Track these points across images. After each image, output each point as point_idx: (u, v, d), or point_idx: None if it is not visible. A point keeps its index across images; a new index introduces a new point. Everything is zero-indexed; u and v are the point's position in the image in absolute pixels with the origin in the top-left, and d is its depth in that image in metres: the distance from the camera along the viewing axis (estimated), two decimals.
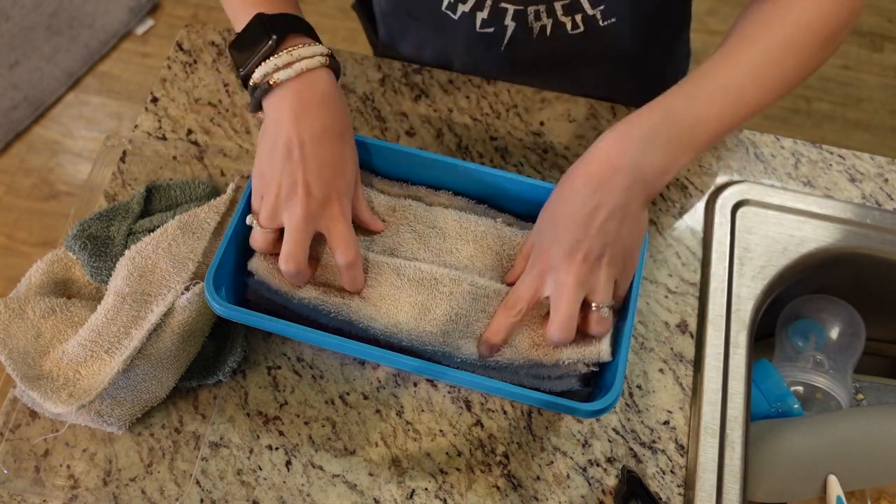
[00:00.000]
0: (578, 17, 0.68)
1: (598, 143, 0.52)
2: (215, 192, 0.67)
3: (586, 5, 0.66)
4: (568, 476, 0.59)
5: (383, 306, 0.56)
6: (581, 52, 0.73)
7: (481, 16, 0.68)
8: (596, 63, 0.75)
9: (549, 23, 0.68)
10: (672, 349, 0.64)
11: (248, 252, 0.60)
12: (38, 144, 1.71)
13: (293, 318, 0.56)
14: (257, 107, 0.55)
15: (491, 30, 0.70)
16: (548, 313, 0.54)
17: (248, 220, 0.57)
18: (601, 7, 0.66)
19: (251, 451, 0.60)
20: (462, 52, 0.75)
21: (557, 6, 0.66)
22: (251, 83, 0.54)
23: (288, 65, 0.53)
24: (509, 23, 0.68)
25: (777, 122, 1.71)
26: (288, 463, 0.59)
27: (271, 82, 0.53)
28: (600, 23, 0.68)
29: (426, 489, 0.58)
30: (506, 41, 0.71)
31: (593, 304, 0.52)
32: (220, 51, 0.77)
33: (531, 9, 0.66)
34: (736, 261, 0.67)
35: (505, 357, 0.55)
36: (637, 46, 0.73)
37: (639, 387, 0.62)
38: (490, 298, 0.56)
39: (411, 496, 0.58)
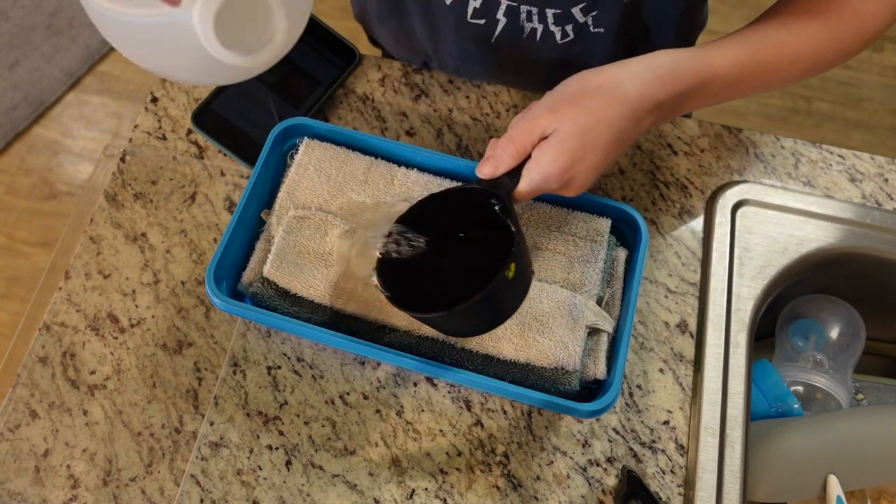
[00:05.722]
0: (569, 27, 0.68)
1: (651, 69, 0.52)
2: None
3: (577, 15, 0.66)
4: (568, 476, 0.59)
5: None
6: (567, 61, 0.72)
7: (473, 4, 0.68)
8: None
9: (539, 28, 0.68)
10: (672, 349, 0.64)
11: (251, 248, 0.60)
12: (38, 144, 1.71)
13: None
14: None
15: (482, 22, 0.69)
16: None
17: (264, 213, 0.57)
18: (593, 13, 0.66)
19: (251, 451, 0.60)
20: (448, 43, 0.74)
21: (549, 13, 0.66)
22: None
23: None
24: (501, 17, 0.68)
25: (777, 122, 1.71)
26: (288, 463, 0.59)
27: None
28: (591, 29, 0.68)
29: (426, 489, 0.58)
30: (495, 36, 0.70)
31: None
32: None
33: (524, 7, 0.66)
34: (736, 261, 0.67)
35: (502, 355, 0.56)
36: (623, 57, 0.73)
37: (639, 387, 0.62)
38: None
39: (411, 496, 0.58)
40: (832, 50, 0.56)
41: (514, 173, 0.52)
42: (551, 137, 0.52)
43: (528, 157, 0.53)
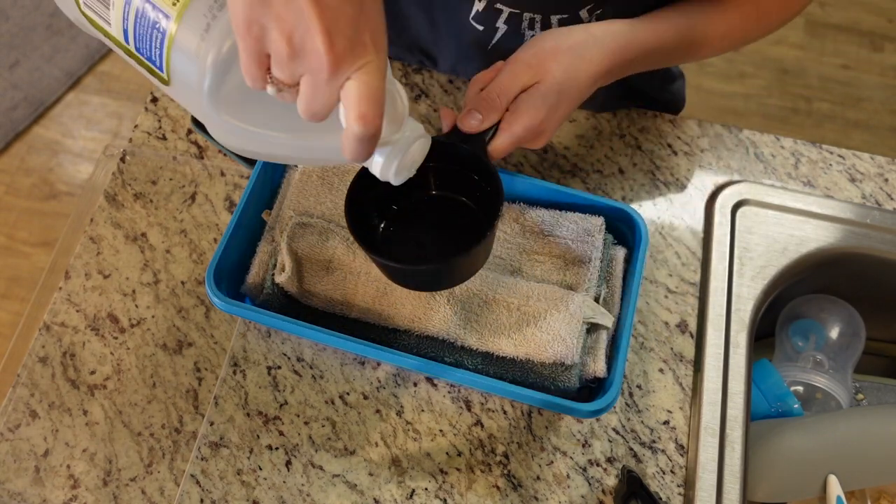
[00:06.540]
0: None
1: (608, 37, 0.57)
2: None
3: (584, 16, 0.66)
4: (568, 476, 0.59)
5: (386, 301, 0.57)
6: None
7: (477, 7, 0.67)
8: None
9: None
10: (672, 349, 0.64)
11: (251, 248, 0.60)
12: (38, 144, 1.71)
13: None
14: None
15: (481, 28, 0.69)
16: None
17: (264, 214, 0.57)
18: (598, 12, 0.66)
19: (251, 451, 0.60)
20: (447, 40, 0.73)
21: (554, 20, 0.66)
22: None
23: None
24: (501, 25, 0.68)
25: (777, 122, 1.71)
26: (288, 463, 0.59)
27: None
28: None
29: (426, 489, 0.58)
30: (493, 43, 0.70)
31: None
32: None
33: (527, 15, 0.66)
34: (736, 261, 0.67)
35: (502, 351, 0.56)
36: None
37: (639, 387, 0.62)
38: (493, 287, 0.57)
39: (411, 496, 0.58)
40: (739, 30, 0.62)
41: (490, 129, 0.54)
42: (533, 91, 0.54)
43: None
